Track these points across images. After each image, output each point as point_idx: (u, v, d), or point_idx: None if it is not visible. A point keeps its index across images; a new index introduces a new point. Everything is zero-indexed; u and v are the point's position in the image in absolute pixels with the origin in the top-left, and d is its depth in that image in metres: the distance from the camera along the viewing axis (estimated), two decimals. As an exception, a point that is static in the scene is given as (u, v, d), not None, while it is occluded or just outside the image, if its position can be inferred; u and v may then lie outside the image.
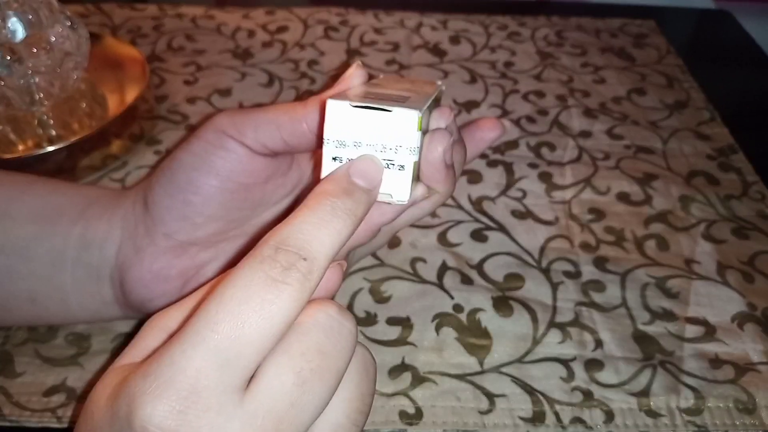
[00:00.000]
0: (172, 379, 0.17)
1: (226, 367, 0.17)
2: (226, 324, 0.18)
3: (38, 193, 0.32)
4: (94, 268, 0.31)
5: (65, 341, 0.34)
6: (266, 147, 0.28)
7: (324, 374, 0.19)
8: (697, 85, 0.56)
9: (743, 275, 0.39)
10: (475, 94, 0.54)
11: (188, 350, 0.18)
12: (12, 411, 0.31)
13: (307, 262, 0.19)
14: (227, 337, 0.18)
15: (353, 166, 0.22)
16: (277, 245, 0.19)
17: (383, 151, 0.22)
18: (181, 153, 0.29)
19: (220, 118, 0.28)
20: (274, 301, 0.18)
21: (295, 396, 0.18)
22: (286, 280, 0.18)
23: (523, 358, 0.34)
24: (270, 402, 0.18)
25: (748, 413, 0.32)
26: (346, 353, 0.19)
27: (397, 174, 0.22)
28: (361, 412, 0.20)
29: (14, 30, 0.39)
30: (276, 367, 0.18)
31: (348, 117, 0.22)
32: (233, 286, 0.18)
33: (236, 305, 0.18)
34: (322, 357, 0.19)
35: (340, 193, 0.21)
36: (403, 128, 0.22)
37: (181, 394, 0.17)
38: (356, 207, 0.21)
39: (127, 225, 0.31)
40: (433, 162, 0.25)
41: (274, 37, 0.60)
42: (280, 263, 0.18)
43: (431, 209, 0.27)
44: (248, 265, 0.19)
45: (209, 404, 0.17)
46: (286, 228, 0.19)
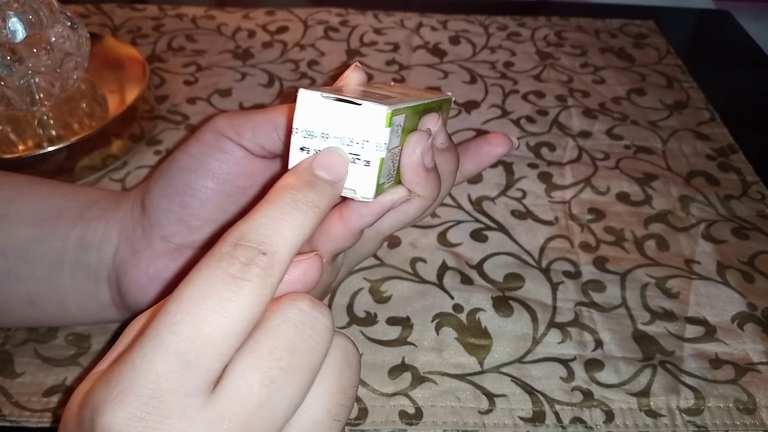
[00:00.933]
0: (132, 384, 0.17)
1: (187, 370, 0.17)
2: (185, 325, 0.17)
3: (38, 195, 0.32)
4: (92, 270, 0.31)
5: (65, 341, 0.34)
6: (264, 148, 0.28)
7: (295, 372, 0.18)
8: (697, 85, 0.56)
9: (743, 275, 0.39)
10: (475, 94, 0.54)
11: (148, 354, 0.17)
12: (12, 411, 0.31)
13: (267, 256, 0.18)
14: (187, 338, 0.17)
15: (317, 158, 0.21)
16: (236, 241, 0.18)
17: (350, 145, 0.22)
18: (178, 155, 0.29)
19: (218, 120, 0.28)
20: (233, 299, 0.17)
21: (263, 396, 0.18)
22: (245, 276, 0.18)
23: (523, 358, 0.34)
24: (236, 404, 0.17)
25: (748, 413, 0.32)
26: (320, 348, 0.19)
27: (363, 169, 0.22)
28: (342, 406, 0.20)
29: (14, 30, 0.39)
30: (243, 366, 0.18)
31: (318, 108, 0.21)
32: (192, 286, 0.18)
33: (195, 305, 0.17)
34: (293, 354, 0.18)
35: (302, 186, 0.20)
36: (371, 123, 0.21)
37: (142, 399, 0.17)
38: (318, 199, 0.20)
39: (125, 227, 0.31)
40: (410, 164, 0.24)
41: (274, 37, 0.60)
42: (238, 259, 0.18)
43: (416, 214, 0.26)
44: (207, 263, 0.18)
45: (171, 409, 0.17)
46: (246, 223, 0.19)
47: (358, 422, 0.31)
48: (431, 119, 0.25)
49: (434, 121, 0.25)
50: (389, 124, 0.21)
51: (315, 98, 0.21)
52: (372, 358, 0.34)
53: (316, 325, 0.19)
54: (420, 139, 0.24)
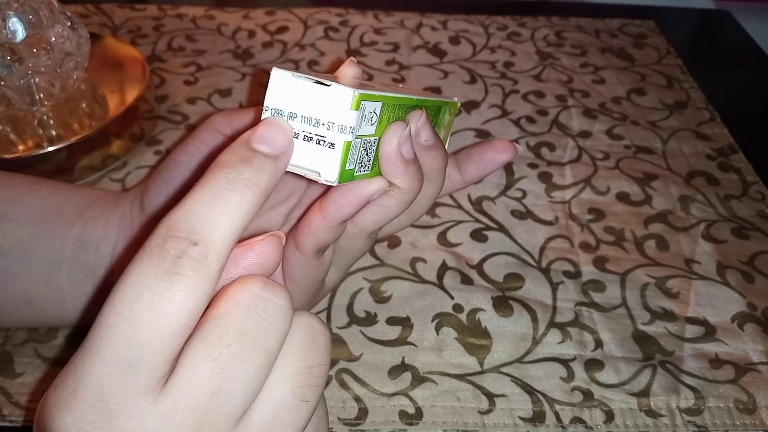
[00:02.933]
0: (76, 389, 0.17)
1: (129, 371, 0.17)
2: (119, 328, 0.17)
3: (38, 194, 0.32)
4: (90, 268, 0.31)
5: (65, 341, 0.34)
6: None
7: (249, 356, 0.17)
8: (697, 85, 0.56)
9: (743, 275, 0.39)
10: (475, 94, 0.54)
11: (87, 360, 0.17)
12: (12, 411, 0.31)
13: (200, 246, 0.17)
14: (122, 342, 0.17)
15: (255, 131, 0.20)
16: (166, 233, 0.17)
17: (316, 126, 0.21)
18: (176, 154, 0.29)
19: (215, 117, 0.29)
20: (166, 296, 0.17)
21: (216, 384, 0.17)
22: (177, 270, 0.17)
23: (523, 358, 0.34)
24: (187, 395, 0.17)
25: (748, 413, 0.32)
26: (276, 330, 0.18)
27: (327, 152, 0.21)
28: (309, 386, 0.19)
29: (14, 30, 0.39)
30: (192, 356, 0.17)
31: (288, 86, 0.21)
32: (123, 287, 0.17)
33: (126, 307, 0.17)
34: (244, 338, 0.18)
35: (237, 163, 0.18)
36: (337, 104, 0.21)
37: (87, 403, 0.17)
38: (257, 175, 0.18)
39: (124, 226, 0.31)
40: (386, 153, 0.24)
41: (274, 37, 0.60)
42: (168, 253, 0.17)
43: (398, 208, 0.26)
44: (138, 260, 0.17)
45: (118, 409, 0.17)
46: (176, 212, 0.18)
47: (358, 422, 0.31)
48: (415, 114, 0.25)
49: (417, 115, 0.25)
50: (356, 107, 0.21)
51: (286, 77, 0.21)
52: (372, 358, 0.34)
53: (269, 306, 0.18)
54: (396, 129, 0.24)
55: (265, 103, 0.21)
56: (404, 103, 0.24)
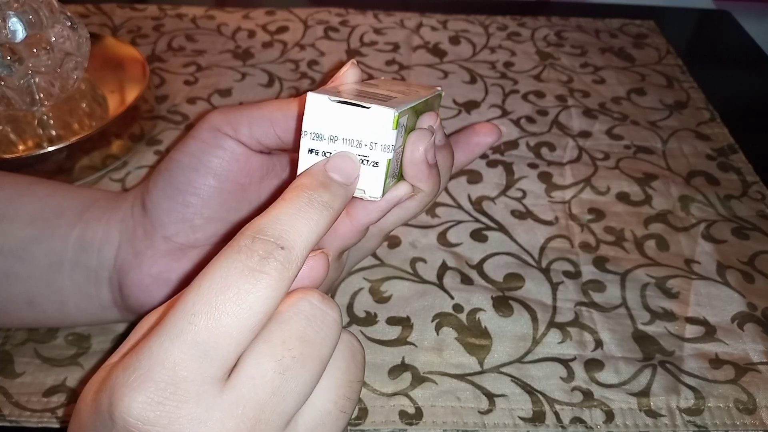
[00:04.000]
0: (150, 370, 0.17)
1: (204, 358, 0.18)
2: (204, 315, 0.18)
3: (37, 195, 0.32)
4: (93, 271, 0.31)
5: (65, 341, 0.34)
6: (261, 143, 0.28)
7: (306, 361, 0.19)
8: (697, 85, 0.56)
9: (743, 275, 0.39)
10: (475, 94, 0.54)
11: (166, 342, 0.18)
12: (12, 411, 0.31)
13: (285, 251, 0.19)
14: (205, 329, 0.18)
15: (330, 161, 0.22)
16: (255, 235, 0.19)
17: (358, 147, 0.22)
18: (177, 154, 0.29)
19: (214, 116, 0.28)
20: (251, 291, 0.18)
21: (276, 384, 0.18)
22: (263, 269, 0.18)
23: (523, 358, 0.34)
24: (250, 391, 0.18)
25: (748, 413, 0.32)
26: (330, 340, 0.19)
27: (371, 170, 0.23)
28: (349, 399, 0.20)
29: (14, 30, 0.39)
30: (256, 356, 0.18)
31: (326, 111, 0.22)
32: (210, 278, 0.18)
33: (213, 296, 0.18)
34: (304, 344, 0.19)
35: (317, 186, 0.21)
36: (379, 126, 0.22)
37: (160, 385, 0.17)
38: (333, 200, 0.21)
39: (126, 228, 0.31)
40: (414, 160, 0.25)
41: (274, 37, 0.60)
42: (257, 252, 0.18)
43: (417, 209, 0.27)
44: (226, 255, 0.19)
45: (188, 395, 0.17)
46: (264, 219, 0.19)
47: (358, 422, 0.31)
48: (430, 117, 0.26)
49: (433, 119, 0.26)
50: (396, 126, 0.22)
51: (323, 102, 0.22)
52: (372, 358, 0.34)
53: (326, 318, 0.19)
54: (423, 137, 0.25)
55: (303, 127, 0.22)
56: (417, 108, 0.25)
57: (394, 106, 0.22)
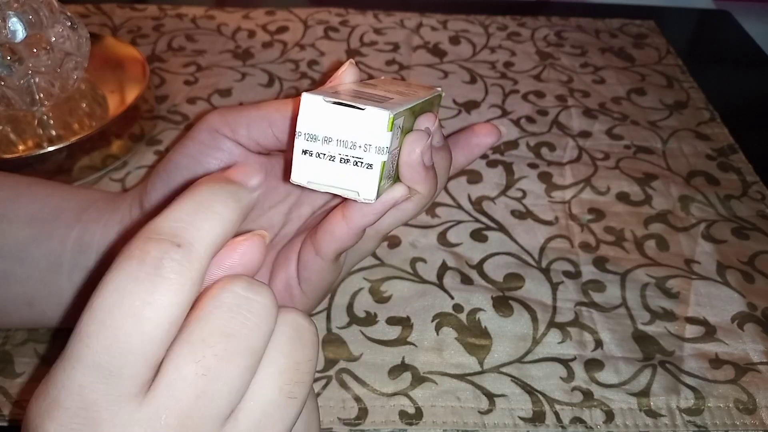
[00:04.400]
0: (57, 398, 0.17)
1: (110, 379, 0.16)
2: (99, 336, 0.16)
3: (36, 196, 0.32)
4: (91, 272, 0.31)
5: (65, 341, 0.34)
6: (259, 144, 0.28)
7: (233, 356, 0.17)
8: (697, 85, 0.56)
9: (743, 275, 0.39)
10: (475, 94, 0.54)
11: (68, 368, 0.17)
12: (12, 411, 0.31)
13: (183, 248, 0.17)
14: (103, 350, 0.16)
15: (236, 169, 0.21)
16: (148, 236, 0.17)
17: (353, 149, 0.22)
18: (176, 156, 0.29)
19: (212, 117, 0.28)
20: (148, 300, 0.16)
21: (200, 386, 0.17)
22: (159, 272, 0.17)
23: (523, 358, 0.34)
24: (171, 399, 0.17)
25: (748, 413, 0.32)
26: (261, 329, 0.18)
27: (365, 172, 0.22)
28: (297, 383, 0.19)
29: (14, 30, 0.39)
30: (176, 359, 0.17)
31: (321, 112, 0.22)
32: (102, 294, 0.17)
33: (108, 313, 0.16)
34: (228, 339, 0.17)
35: (221, 179, 0.19)
36: (373, 127, 0.22)
37: (69, 411, 0.16)
38: (239, 192, 0.19)
39: (124, 230, 0.31)
40: (410, 162, 0.25)
41: (274, 37, 0.60)
42: (150, 254, 0.17)
43: (414, 211, 0.27)
44: (117, 265, 0.17)
45: (101, 417, 0.16)
46: (159, 218, 0.18)
47: (358, 422, 0.31)
48: (428, 119, 0.26)
49: (431, 120, 0.26)
50: (391, 128, 0.22)
51: (318, 102, 0.22)
52: (372, 358, 0.34)
53: (253, 306, 0.18)
54: (419, 139, 0.24)
55: (298, 128, 0.22)
56: (414, 109, 0.25)
57: (389, 107, 0.22)
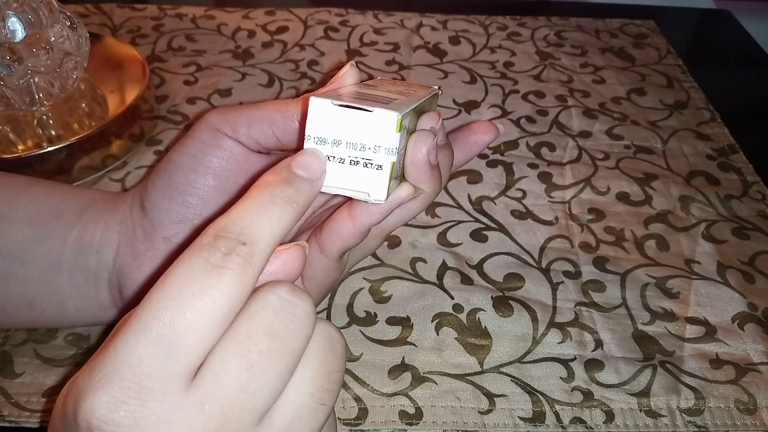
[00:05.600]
0: (115, 369, 0.17)
1: (169, 354, 0.17)
2: (168, 310, 0.18)
3: (35, 195, 0.32)
4: (92, 272, 0.31)
5: (65, 341, 0.34)
6: (259, 143, 0.28)
7: (275, 356, 0.18)
8: (697, 84, 0.56)
9: (744, 275, 0.39)
10: (475, 94, 0.54)
11: (131, 339, 0.17)
12: (11, 411, 0.31)
13: (247, 246, 0.19)
14: (169, 323, 0.17)
15: (294, 158, 0.22)
16: (217, 233, 0.19)
17: (362, 150, 0.22)
18: (176, 155, 0.29)
19: (212, 116, 0.28)
20: (214, 286, 0.18)
21: (243, 380, 0.18)
22: (226, 264, 0.18)
23: (523, 358, 0.34)
24: (216, 388, 0.18)
25: (748, 413, 0.32)
26: (301, 333, 0.19)
27: (375, 173, 0.22)
28: (327, 390, 0.20)
29: (14, 30, 0.39)
30: (222, 353, 0.18)
31: (329, 115, 0.22)
32: (174, 275, 0.18)
33: (177, 291, 0.18)
34: (273, 338, 0.18)
35: (280, 183, 0.21)
36: (382, 129, 0.22)
37: (124, 384, 0.17)
38: (296, 195, 0.21)
39: (125, 230, 0.31)
40: (417, 162, 0.25)
41: (274, 37, 0.60)
42: (219, 249, 0.18)
43: (419, 209, 0.27)
44: (189, 253, 0.19)
45: (153, 393, 0.17)
46: (226, 217, 0.20)
47: (358, 422, 0.31)
48: (431, 118, 0.26)
49: (435, 119, 0.26)
50: (399, 129, 0.22)
51: (326, 106, 0.22)
52: (372, 358, 0.34)
53: (296, 310, 0.19)
54: (425, 139, 0.25)
55: (307, 131, 0.22)
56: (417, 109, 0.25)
57: (396, 108, 0.22)
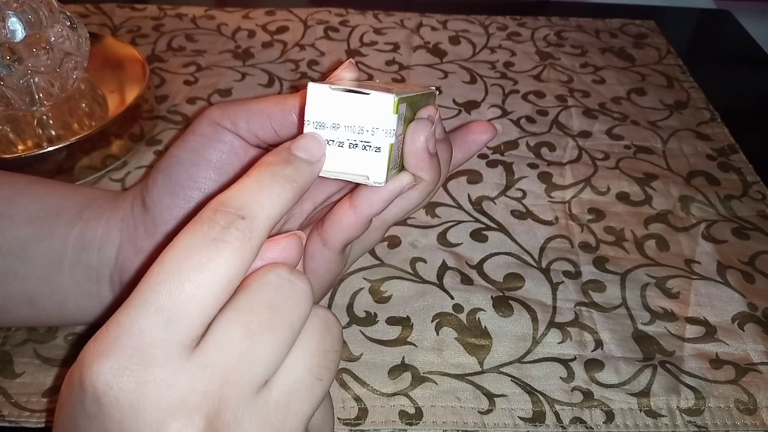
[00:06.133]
0: (117, 338, 0.18)
1: (170, 324, 0.18)
2: (167, 283, 0.18)
3: (36, 194, 0.32)
4: (93, 270, 0.31)
5: (65, 341, 0.34)
6: (258, 137, 0.28)
7: (275, 327, 0.19)
8: (697, 84, 0.56)
9: (744, 275, 0.39)
10: (475, 94, 0.54)
11: (132, 312, 0.18)
12: (11, 411, 0.31)
13: (246, 221, 0.19)
14: (168, 295, 0.18)
15: (294, 142, 0.22)
16: (216, 207, 0.19)
17: (360, 133, 0.23)
18: (177, 150, 0.29)
19: (212, 111, 0.29)
20: (213, 259, 0.18)
21: (244, 347, 0.19)
22: (225, 238, 0.19)
23: (523, 358, 0.34)
24: (217, 354, 0.18)
25: (748, 413, 0.32)
26: (299, 309, 0.20)
27: (374, 156, 0.23)
28: (324, 368, 0.21)
29: (14, 30, 0.39)
30: (223, 322, 0.19)
31: (327, 99, 0.23)
32: (174, 249, 0.19)
33: (177, 265, 0.18)
34: (272, 311, 0.19)
35: (280, 162, 0.21)
36: (379, 111, 0.22)
37: (126, 351, 0.18)
38: (296, 174, 0.21)
39: (126, 227, 0.31)
40: (415, 150, 0.25)
41: (274, 37, 0.60)
42: (218, 223, 0.19)
43: (419, 199, 0.28)
44: (189, 228, 0.19)
45: (155, 359, 0.18)
46: (226, 192, 0.20)
47: (358, 422, 0.31)
48: (429, 109, 0.27)
49: (431, 110, 0.27)
50: (396, 111, 0.23)
51: (324, 91, 0.23)
52: (372, 357, 0.34)
53: (294, 288, 0.20)
54: (423, 126, 0.25)
55: (306, 116, 0.23)
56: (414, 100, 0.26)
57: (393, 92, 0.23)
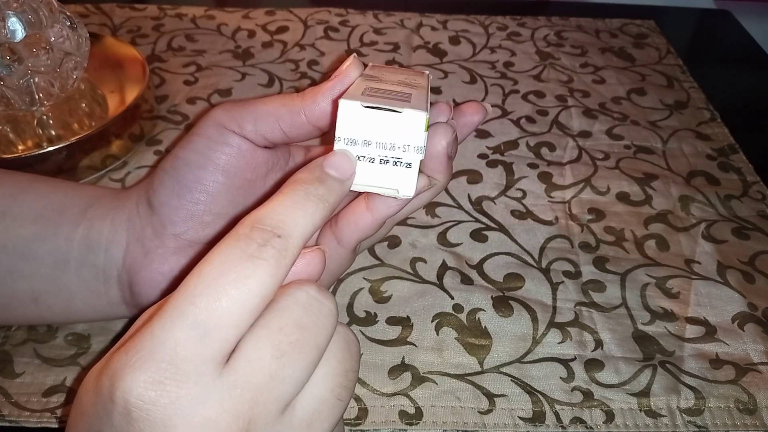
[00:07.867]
0: (151, 351, 0.18)
1: (204, 339, 0.18)
2: (204, 297, 0.18)
3: (39, 192, 0.32)
4: (100, 269, 0.31)
5: (65, 341, 0.34)
6: (266, 139, 0.28)
7: (303, 348, 0.19)
8: (697, 84, 0.56)
9: (744, 275, 0.39)
10: (474, 94, 0.54)
11: (167, 324, 0.18)
12: (11, 411, 0.31)
13: (282, 239, 0.20)
14: (205, 309, 0.18)
15: (327, 158, 0.23)
16: (253, 224, 0.20)
17: (392, 150, 0.23)
18: (183, 152, 0.29)
19: (217, 113, 0.29)
20: (250, 275, 0.19)
21: (273, 368, 0.19)
22: (261, 255, 0.19)
23: (523, 358, 0.34)
24: (248, 373, 0.19)
25: (748, 413, 0.32)
26: (326, 329, 0.20)
27: (404, 171, 0.23)
28: (345, 388, 0.21)
29: (14, 30, 0.39)
30: (255, 340, 0.19)
31: (359, 117, 0.23)
32: (211, 263, 0.19)
33: (214, 279, 0.19)
34: (301, 331, 0.19)
35: (313, 181, 0.22)
36: (411, 128, 0.23)
37: (161, 365, 0.18)
38: (328, 194, 0.22)
39: (133, 227, 0.31)
40: (437, 155, 0.26)
41: (274, 37, 0.60)
42: (255, 240, 0.19)
43: (430, 198, 0.29)
44: (226, 243, 0.19)
45: (188, 375, 0.18)
46: (262, 210, 0.20)
47: (358, 422, 0.31)
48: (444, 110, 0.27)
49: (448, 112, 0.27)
50: (427, 128, 0.23)
51: (356, 108, 0.23)
52: (372, 357, 0.34)
53: (323, 308, 0.20)
54: (445, 131, 0.26)
55: (337, 133, 0.23)
56: None
57: (421, 107, 0.23)
